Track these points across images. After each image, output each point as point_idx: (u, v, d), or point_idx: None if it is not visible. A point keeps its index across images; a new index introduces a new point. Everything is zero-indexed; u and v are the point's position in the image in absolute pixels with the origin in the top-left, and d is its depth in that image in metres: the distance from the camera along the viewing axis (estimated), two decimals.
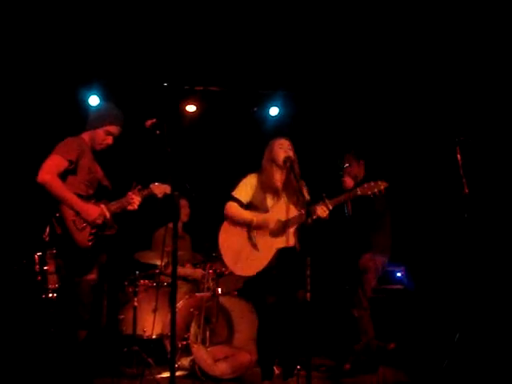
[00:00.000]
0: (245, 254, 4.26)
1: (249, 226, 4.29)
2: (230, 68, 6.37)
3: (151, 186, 4.22)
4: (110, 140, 4.14)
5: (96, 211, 3.90)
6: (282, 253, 4.21)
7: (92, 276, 3.83)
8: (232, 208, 4.35)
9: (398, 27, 5.68)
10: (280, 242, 4.22)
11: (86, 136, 4.12)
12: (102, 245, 3.92)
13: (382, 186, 4.21)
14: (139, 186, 4.18)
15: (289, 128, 6.32)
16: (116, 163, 4.51)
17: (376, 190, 4.20)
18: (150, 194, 4.22)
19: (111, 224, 3.98)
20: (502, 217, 5.73)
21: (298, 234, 4.26)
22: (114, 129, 4.14)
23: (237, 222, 4.33)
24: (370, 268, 5.05)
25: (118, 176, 4.29)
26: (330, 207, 4.16)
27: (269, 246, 4.22)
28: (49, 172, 3.75)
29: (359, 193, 4.23)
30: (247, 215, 4.31)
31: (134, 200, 4.11)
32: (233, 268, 4.33)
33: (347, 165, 5.32)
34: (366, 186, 4.24)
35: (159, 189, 4.22)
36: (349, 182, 5.29)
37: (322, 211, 4.11)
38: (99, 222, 3.90)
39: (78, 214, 3.83)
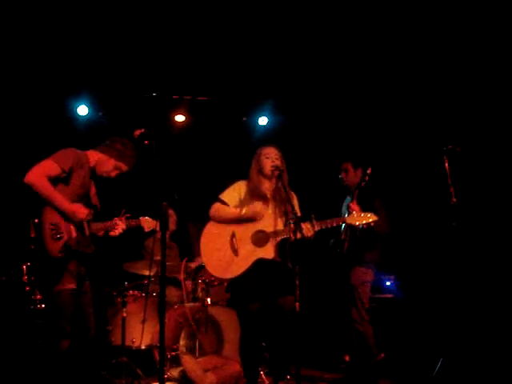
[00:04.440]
0: (224, 256, 4.23)
1: (235, 221, 4.25)
2: (218, 78, 6.38)
3: (141, 218, 4.20)
4: (114, 174, 4.12)
5: (84, 211, 3.83)
6: (260, 263, 4.18)
7: (70, 285, 3.78)
8: (217, 207, 4.34)
9: (388, 39, 5.74)
10: (261, 252, 4.19)
11: (92, 154, 4.05)
12: (79, 258, 3.87)
13: (371, 219, 4.27)
14: (128, 215, 4.15)
15: (278, 137, 6.33)
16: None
17: (364, 221, 4.27)
18: (137, 226, 4.19)
19: (88, 243, 3.93)
20: (491, 225, 5.76)
21: (281, 247, 4.23)
22: (125, 168, 4.14)
23: (222, 220, 4.30)
24: (365, 281, 5.06)
25: (105, 185, 4.25)
26: (316, 228, 4.15)
27: (249, 254, 4.19)
28: (37, 173, 3.70)
29: (348, 221, 4.31)
30: (233, 209, 4.29)
31: (118, 227, 4.07)
32: (209, 267, 4.30)
33: (344, 173, 5.27)
34: (355, 215, 4.31)
35: (148, 223, 4.20)
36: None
37: (307, 230, 4.08)
38: (83, 217, 3.83)
39: (63, 216, 3.75)
